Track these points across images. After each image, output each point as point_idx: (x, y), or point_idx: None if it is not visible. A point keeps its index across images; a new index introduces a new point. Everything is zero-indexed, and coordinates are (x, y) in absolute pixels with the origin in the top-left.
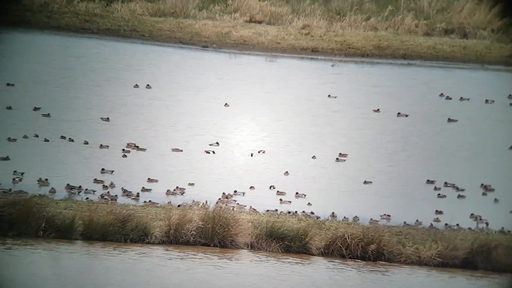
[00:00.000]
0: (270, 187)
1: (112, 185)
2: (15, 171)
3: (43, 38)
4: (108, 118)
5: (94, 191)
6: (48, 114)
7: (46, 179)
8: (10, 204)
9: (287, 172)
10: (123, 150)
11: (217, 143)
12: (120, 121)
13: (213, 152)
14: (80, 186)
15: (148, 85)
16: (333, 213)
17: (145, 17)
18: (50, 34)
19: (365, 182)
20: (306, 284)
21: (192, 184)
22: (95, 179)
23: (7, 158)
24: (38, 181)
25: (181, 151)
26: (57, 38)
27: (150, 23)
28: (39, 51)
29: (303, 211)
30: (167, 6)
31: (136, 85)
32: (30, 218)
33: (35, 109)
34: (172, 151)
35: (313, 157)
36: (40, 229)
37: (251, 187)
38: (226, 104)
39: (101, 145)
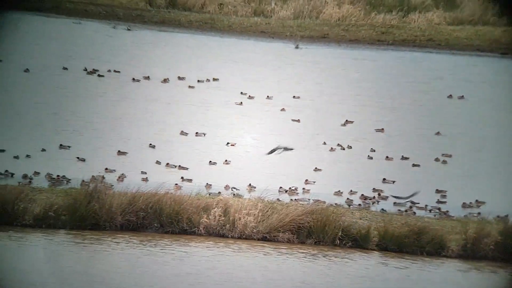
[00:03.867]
0: None
1: (381, 195)
2: (306, 180)
3: (338, 51)
4: (383, 129)
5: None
6: (348, 120)
7: (341, 191)
8: (308, 213)
9: None
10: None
11: None
12: (395, 131)
13: None
14: (374, 196)
15: (462, 96)
16: None
17: (441, 26)
18: (346, 47)
19: None
20: None
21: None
22: (373, 188)
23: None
24: (346, 193)
25: None
26: (352, 51)
27: (447, 32)
28: (333, 64)
29: None
30: (464, 14)
31: (450, 95)
32: (327, 227)
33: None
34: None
35: None
36: (337, 238)
37: None
38: None
39: (387, 157)
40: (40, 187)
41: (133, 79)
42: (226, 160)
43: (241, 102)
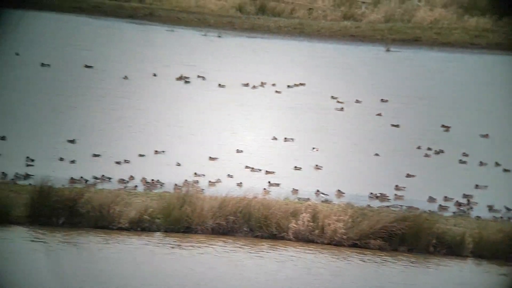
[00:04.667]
0: None
1: (470, 203)
2: (396, 185)
3: (432, 55)
4: (487, 135)
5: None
6: (449, 128)
7: (434, 198)
8: (401, 220)
9: None
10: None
11: None
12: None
13: None
14: (469, 202)
15: None
16: None
17: None
18: (439, 51)
19: None
20: None
21: None
22: (463, 194)
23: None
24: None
25: None
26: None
27: None
28: (426, 67)
29: None
30: None
31: None
32: (420, 234)
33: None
34: None
35: None
36: (431, 245)
37: None
38: None
39: (481, 162)
40: (136, 191)
41: (219, 84)
42: (316, 165)
43: (342, 108)
